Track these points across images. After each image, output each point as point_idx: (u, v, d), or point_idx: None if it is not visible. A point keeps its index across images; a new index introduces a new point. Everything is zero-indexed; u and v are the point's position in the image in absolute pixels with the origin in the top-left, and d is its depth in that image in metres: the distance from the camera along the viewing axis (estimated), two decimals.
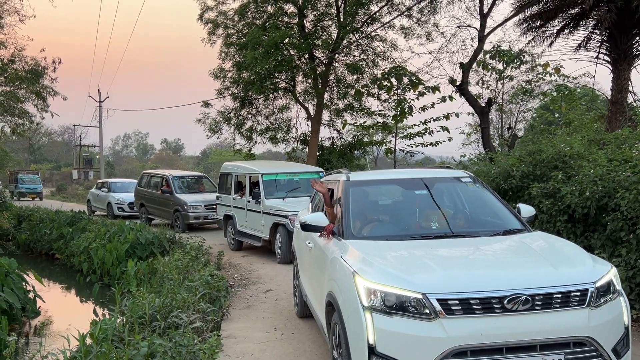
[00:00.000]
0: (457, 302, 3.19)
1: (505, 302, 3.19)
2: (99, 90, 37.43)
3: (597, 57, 13.36)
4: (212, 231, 14.66)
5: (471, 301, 3.19)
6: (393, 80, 15.52)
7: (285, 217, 9.70)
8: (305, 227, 4.58)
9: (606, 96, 15.53)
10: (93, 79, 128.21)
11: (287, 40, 16.48)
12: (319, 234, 4.75)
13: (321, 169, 12.25)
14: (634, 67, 12.95)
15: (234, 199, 11.97)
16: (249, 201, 11.19)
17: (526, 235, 4.32)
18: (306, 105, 18.71)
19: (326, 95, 18.33)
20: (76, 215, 17.29)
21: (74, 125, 53.30)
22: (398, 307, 3.25)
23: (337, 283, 3.82)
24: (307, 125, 18.76)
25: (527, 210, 4.75)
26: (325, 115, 19.00)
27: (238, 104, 19.00)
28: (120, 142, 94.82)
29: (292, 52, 17.25)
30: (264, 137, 19.59)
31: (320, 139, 18.64)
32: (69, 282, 13.37)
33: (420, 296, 3.22)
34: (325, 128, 19.34)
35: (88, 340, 4.85)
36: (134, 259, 11.46)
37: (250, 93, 18.23)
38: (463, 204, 5.00)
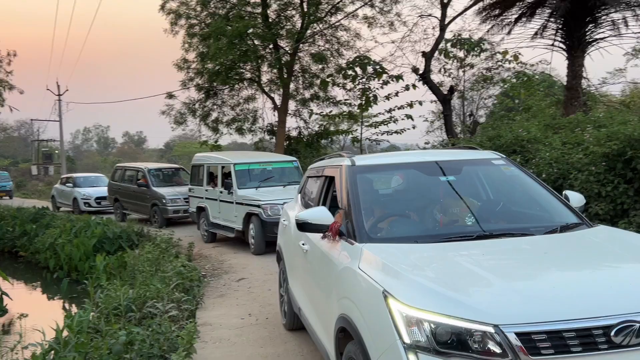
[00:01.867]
0: (545, 335, 2.20)
1: (613, 333, 2.21)
2: (57, 83, 36.45)
3: (552, 45, 13.87)
4: (189, 225, 14.39)
5: (564, 334, 2.20)
6: (358, 69, 15.74)
7: (259, 206, 9.63)
8: (303, 226, 3.53)
9: (562, 82, 16.13)
10: (51, 71, 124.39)
11: (251, 30, 16.45)
12: (320, 234, 3.65)
13: (295, 159, 12.24)
14: (588, 54, 13.50)
15: (207, 190, 11.86)
16: (221, 192, 11.05)
17: (591, 231, 3.36)
18: (272, 95, 18.75)
19: (292, 85, 18.40)
20: (39, 212, 16.91)
21: (32, 120, 51.75)
22: (455, 343, 2.25)
23: (356, 305, 2.80)
24: (274, 115, 18.83)
25: (576, 198, 3.75)
26: (292, 105, 19.09)
27: (203, 95, 18.89)
28: (80, 136, 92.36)
29: (256, 42, 17.22)
30: (230, 128, 19.55)
31: (287, 129, 18.72)
32: (36, 279, 13.13)
33: (490, 329, 2.21)
34: (292, 118, 19.45)
35: (65, 333, 4.89)
36: (102, 253, 11.36)
37: (215, 84, 18.14)
38: (500, 193, 3.99)
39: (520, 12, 14.00)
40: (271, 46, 17.48)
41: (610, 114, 10.82)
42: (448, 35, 15.75)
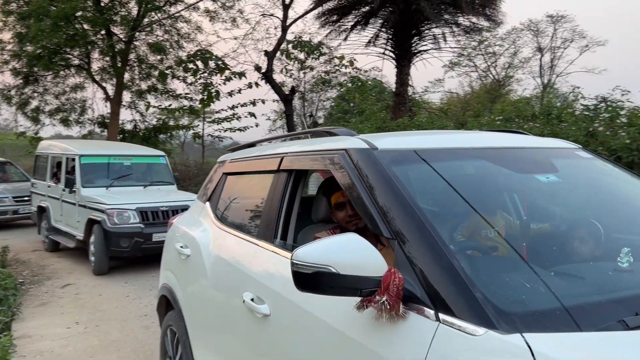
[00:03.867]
0: None
1: None
2: None
3: (384, 53, 14.99)
4: (27, 228, 12.46)
5: None
6: (199, 63, 15.29)
7: (102, 211, 7.80)
8: (317, 280, 1.48)
9: (391, 89, 17.50)
10: None
11: (80, 13, 15.01)
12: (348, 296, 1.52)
13: (163, 153, 10.16)
14: (413, 63, 14.85)
15: (49, 186, 9.77)
16: (63, 190, 8.96)
17: None
18: (104, 85, 17.37)
19: (127, 75, 17.23)
20: None
21: None
22: None
23: None
24: (106, 106, 17.46)
25: None
26: (127, 96, 17.89)
27: (21, 81, 16.77)
28: None
29: (86, 26, 15.78)
30: (54, 119, 17.66)
31: (121, 121, 17.49)
32: None
33: None
34: (126, 110, 18.24)
35: None
36: None
37: (36, 69, 16.21)
38: (612, 202, 2.31)
39: (355, 20, 14.89)
40: (103, 32, 16.16)
41: (431, 119, 12.02)
42: (290, 36, 16.11)
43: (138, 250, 7.80)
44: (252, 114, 16.21)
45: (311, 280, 1.48)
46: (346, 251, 1.50)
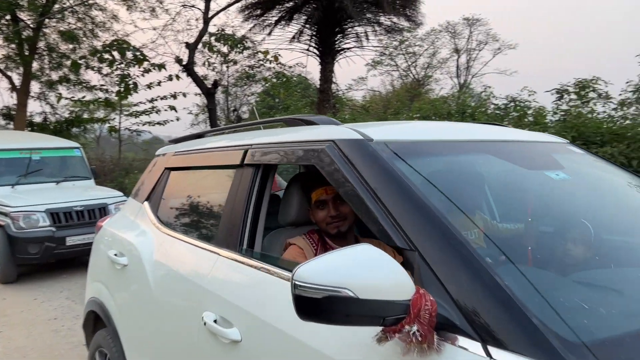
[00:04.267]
0: None
1: None
2: None
3: (308, 50, 15.04)
4: None
5: None
6: (115, 53, 14.60)
7: (6, 214, 6.97)
8: (329, 305, 1.12)
9: (316, 85, 17.62)
10: None
11: None
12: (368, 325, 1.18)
13: (78, 145, 9.16)
14: (337, 61, 15.02)
15: None
16: None
17: None
18: (9, 74, 16.17)
19: (35, 64, 16.14)
20: None
21: None
22: None
23: None
24: (12, 97, 16.26)
25: None
26: (35, 87, 16.78)
27: None
28: None
29: None
30: None
31: (29, 113, 16.37)
32: None
33: None
34: (35, 101, 17.09)
35: None
36: None
37: None
38: (623, 201, 2.09)
39: (280, 15, 14.82)
40: (8, 17, 15.02)
41: (353, 117, 12.24)
42: (212, 29, 15.77)
43: (50, 256, 7.12)
44: (173, 108, 15.72)
45: (320, 307, 1.12)
46: (365, 268, 1.16)
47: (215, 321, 1.84)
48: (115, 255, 2.85)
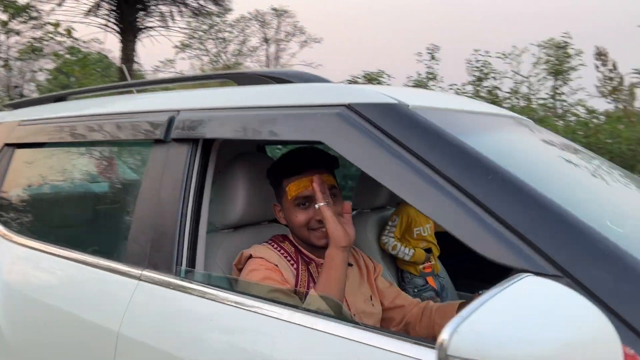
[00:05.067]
0: None
1: None
2: None
3: (106, 25, 13.92)
4: None
5: None
6: None
7: None
8: None
9: (116, 64, 16.43)
10: None
11: None
12: None
13: None
14: (139, 39, 14.18)
15: None
16: None
17: None
18: None
19: None
20: None
21: None
22: None
23: None
24: None
25: None
26: None
27: None
28: None
29: None
30: None
31: None
32: None
33: None
34: None
35: None
36: None
37: None
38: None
39: None
40: None
41: None
42: None
43: None
44: None
45: None
46: (561, 321, 0.70)
47: None
48: None
